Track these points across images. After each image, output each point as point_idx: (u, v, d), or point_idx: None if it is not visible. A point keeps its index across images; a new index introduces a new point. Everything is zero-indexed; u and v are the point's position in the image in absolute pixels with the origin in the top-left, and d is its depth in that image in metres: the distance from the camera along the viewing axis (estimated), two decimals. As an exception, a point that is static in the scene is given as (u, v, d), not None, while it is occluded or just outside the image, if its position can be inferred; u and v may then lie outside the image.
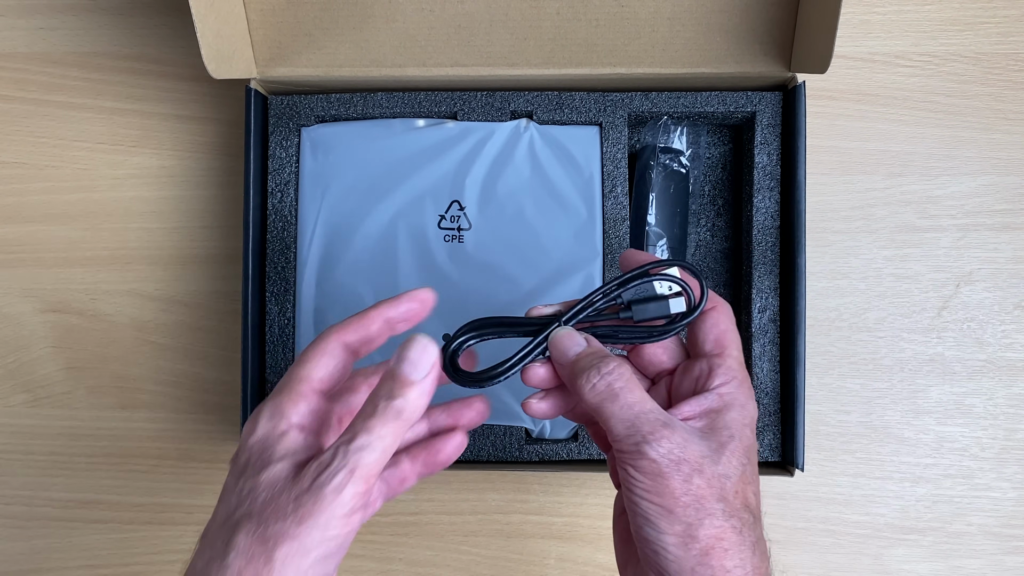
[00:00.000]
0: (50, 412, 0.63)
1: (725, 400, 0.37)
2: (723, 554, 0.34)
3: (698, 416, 0.37)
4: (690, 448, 0.35)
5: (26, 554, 0.62)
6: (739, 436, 0.36)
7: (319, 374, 0.37)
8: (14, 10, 0.63)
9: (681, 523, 0.34)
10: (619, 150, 0.57)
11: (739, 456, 0.36)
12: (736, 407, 0.37)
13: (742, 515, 0.35)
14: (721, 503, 0.35)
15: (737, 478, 0.35)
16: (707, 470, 0.35)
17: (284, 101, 0.57)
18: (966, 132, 0.61)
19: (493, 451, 0.56)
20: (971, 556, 0.60)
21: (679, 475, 0.34)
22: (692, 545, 0.34)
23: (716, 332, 0.39)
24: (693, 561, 0.34)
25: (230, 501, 0.34)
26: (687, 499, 0.34)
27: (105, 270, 0.63)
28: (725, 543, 0.34)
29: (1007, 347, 0.60)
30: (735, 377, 0.38)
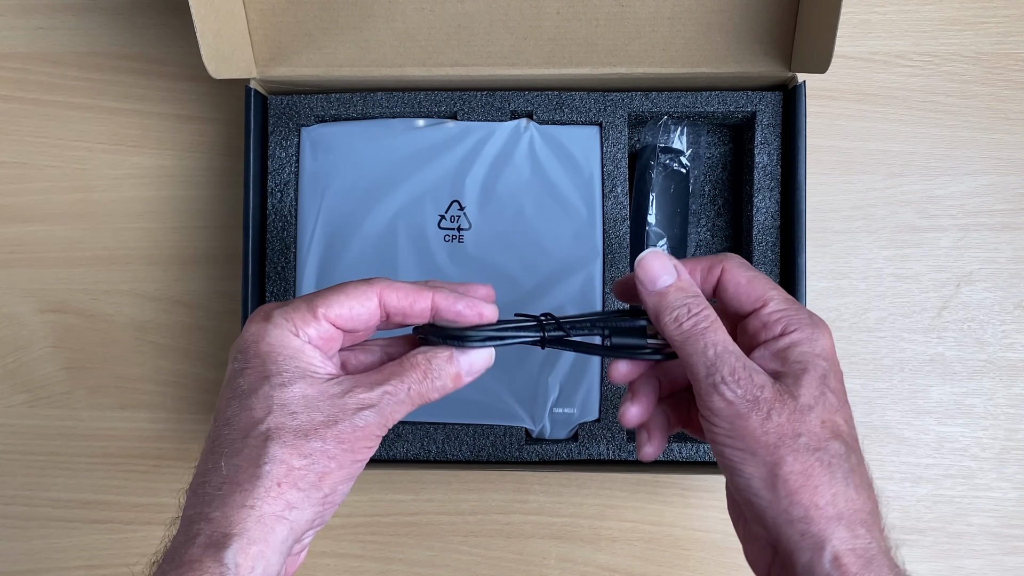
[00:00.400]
0: (50, 412, 0.63)
1: (791, 339, 0.36)
2: (813, 491, 0.33)
3: (767, 359, 0.36)
4: (766, 388, 0.34)
5: (26, 554, 0.62)
6: (812, 366, 0.35)
7: (340, 310, 0.36)
8: (14, 10, 0.63)
9: (765, 464, 0.33)
10: (619, 150, 0.57)
11: (815, 385, 0.34)
12: (803, 341, 0.36)
13: (830, 446, 0.34)
14: (803, 437, 0.33)
15: (820, 408, 0.34)
16: (785, 406, 0.34)
17: (284, 101, 0.57)
18: (966, 132, 0.61)
19: (493, 451, 0.56)
20: (971, 556, 0.60)
21: (757, 414, 0.34)
22: (779, 485, 0.33)
23: (741, 289, 0.37)
24: (784, 502, 0.33)
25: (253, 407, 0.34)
26: (767, 438, 0.33)
27: (105, 270, 0.63)
28: (815, 479, 0.33)
29: (1007, 347, 0.60)
30: (788, 315, 0.36)
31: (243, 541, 0.32)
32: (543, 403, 0.56)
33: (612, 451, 0.56)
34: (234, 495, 0.33)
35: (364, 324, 0.37)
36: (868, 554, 0.33)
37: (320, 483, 0.34)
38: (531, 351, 0.56)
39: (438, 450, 0.56)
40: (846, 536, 0.32)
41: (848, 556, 0.32)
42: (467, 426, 0.56)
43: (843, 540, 0.32)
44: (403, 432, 0.56)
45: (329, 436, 0.34)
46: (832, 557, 0.32)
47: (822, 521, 0.32)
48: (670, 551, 0.60)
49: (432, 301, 0.37)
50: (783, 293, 0.38)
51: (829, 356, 0.36)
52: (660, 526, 0.60)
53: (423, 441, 0.56)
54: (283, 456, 0.33)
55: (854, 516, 0.33)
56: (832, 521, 0.33)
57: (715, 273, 0.38)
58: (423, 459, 0.57)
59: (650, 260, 0.37)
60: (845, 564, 0.32)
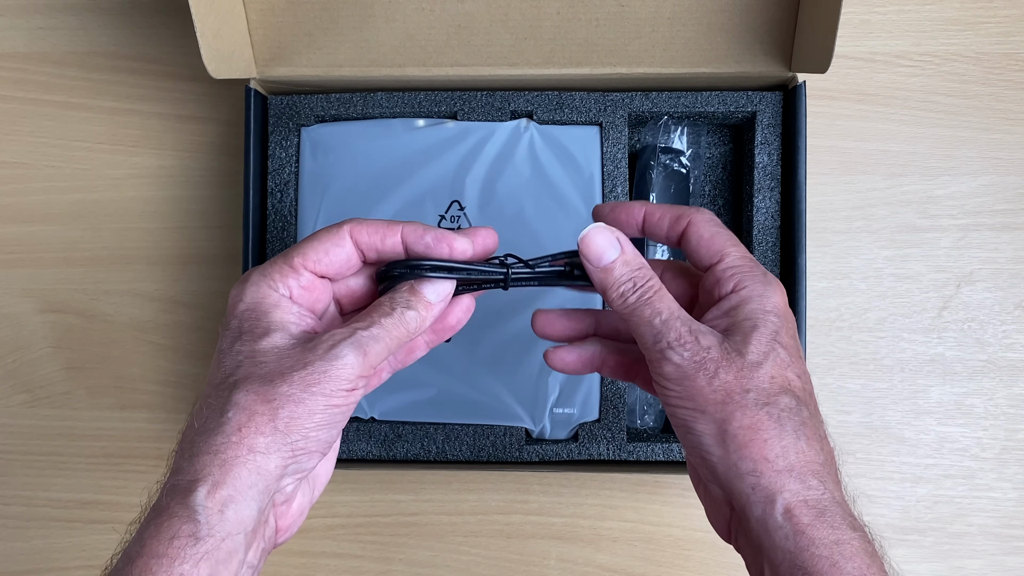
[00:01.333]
0: (50, 412, 0.63)
1: (741, 295, 0.36)
2: (762, 445, 0.33)
3: (718, 319, 0.36)
4: (713, 347, 0.35)
5: (26, 554, 0.62)
6: (762, 322, 0.35)
7: (316, 255, 0.36)
8: (14, 10, 0.63)
9: (714, 421, 0.34)
10: (619, 150, 0.57)
11: (765, 342, 0.35)
12: (753, 298, 0.36)
13: (780, 400, 0.34)
14: (751, 392, 0.34)
15: (770, 364, 0.34)
16: (733, 363, 0.34)
17: (284, 101, 0.57)
18: (966, 132, 0.61)
19: (493, 451, 0.56)
20: (971, 556, 0.60)
21: (704, 373, 0.34)
22: (729, 441, 0.33)
23: (702, 243, 0.38)
24: (734, 456, 0.33)
25: (225, 364, 0.35)
26: (716, 396, 0.34)
27: (105, 270, 0.63)
28: (763, 432, 0.33)
29: (1008, 347, 0.60)
30: (742, 271, 0.37)
31: (208, 485, 0.32)
32: (543, 403, 0.56)
33: (612, 451, 0.56)
34: (200, 444, 0.33)
35: (344, 266, 0.37)
36: (820, 505, 0.33)
37: (288, 429, 0.33)
38: (531, 351, 0.56)
39: (438, 450, 0.56)
40: (797, 488, 0.33)
41: (800, 508, 0.32)
42: (467, 426, 0.56)
43: (794, 492, 0.33)
44: (403, 432, 0.56)
45: (296, 379, 0.33)
46: (784, 509, 0.32)
47: (771, 474, 0.33)
48: (670, 551, 0.60)
49: (401, 234, 0.37)
50: (742, 250, 0.38)
51: (780, 312, 0.36)
52: (660, 526, 0.60)
53: (423, 441, 0.56)
54: (245, 402, 0.33)
55: (805, 468, 0.33)
56: (782, 473, 0.33)
57: (681, 224, 0.38)
58: (423, 459, 0.57)
59: (593, 236, 0.37)
60: (797, 516, 0.32)
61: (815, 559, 0.32)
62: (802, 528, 0.32)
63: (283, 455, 0.33)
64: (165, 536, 0.31)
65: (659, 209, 0.39)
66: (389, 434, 0.56)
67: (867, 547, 0.32)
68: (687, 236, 0.38)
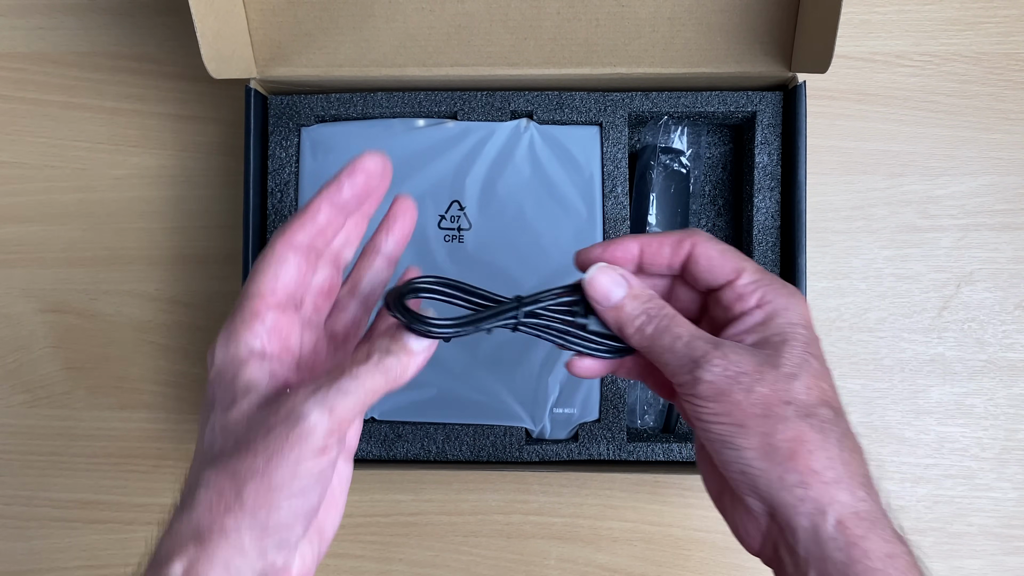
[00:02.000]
0: (50, 412, 0.63)
1: (766, 311, 0.36)
2: (808, 456, 0.32)
3: (746, 334, 0.36)
4: (744, 360, 0.34)
5: (26, 554, 0.62)
6: (792, 335, 0.35)
7: (270, 286, 0.34)
8: (14, 10, 0.63)
9: (756, 434, 0.33)
10: (619, 150, 0.57)
11: (798, 353, 0.34)
12: (780, 311, 0.35)
13: (820, 412, 0.33)
14: (791, 405, 0.33)
15: (806, 375, 0.34)
16: (768, 376, 0.33)
17: (284, 101, 0.57)
18: (966, 132, 0.61)
19: (493, 451, 0.56)
20: (971, 556, 0.60)
21: (740, 388, 0.33)
22: (773, 454, 0.33)
23: (715, 262, 0.37)
24: (780, 470, 0.33)
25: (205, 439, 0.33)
26: (755, 409, 0.33)
27: (105, 270, 0.63)
28: (808, 444, 0.33)
29: (1008, 347, 0.60)
30: (764, 285, 0.36)
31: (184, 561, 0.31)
32: (543, 403, 0.56)
33: (612, 451, 0.56)
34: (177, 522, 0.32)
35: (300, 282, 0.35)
36: (872, 516, 0.32)
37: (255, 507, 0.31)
38: (531, 351, 0.56)
39: (438, 450, 0.56)
40: (848, 499, 0.32)
41: (852, 519, 0.32)
42: (467, 426, 0.56)
43: (845, 504, 0.32)
44: (403, 432, 0.56)
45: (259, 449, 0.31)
46: (836, 521, 0.32)
47: (820, 486, 0.32)
48: (670, 551, 0.60)
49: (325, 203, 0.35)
50: (755, 264, 0.37)
51: (808, 324, 0.36)
52: (660, 526, 0.60)
53: (423, 441, 0.56)
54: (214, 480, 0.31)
55: (853, 479, 0.33)
56: (831, 485, 0.32)
57: (684, 248, 0.38)
58: (423, 459, 0.57)
59: (598, 278, 0.37)
60: (850, 527, 0.32)
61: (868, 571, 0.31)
62: (855, 540, 0.32)
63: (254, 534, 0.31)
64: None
65: (655, 239, 0.38)
66: (389, 434, 0.56)
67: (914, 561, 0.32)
68: (695, 257, 0.37)
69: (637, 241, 0.38)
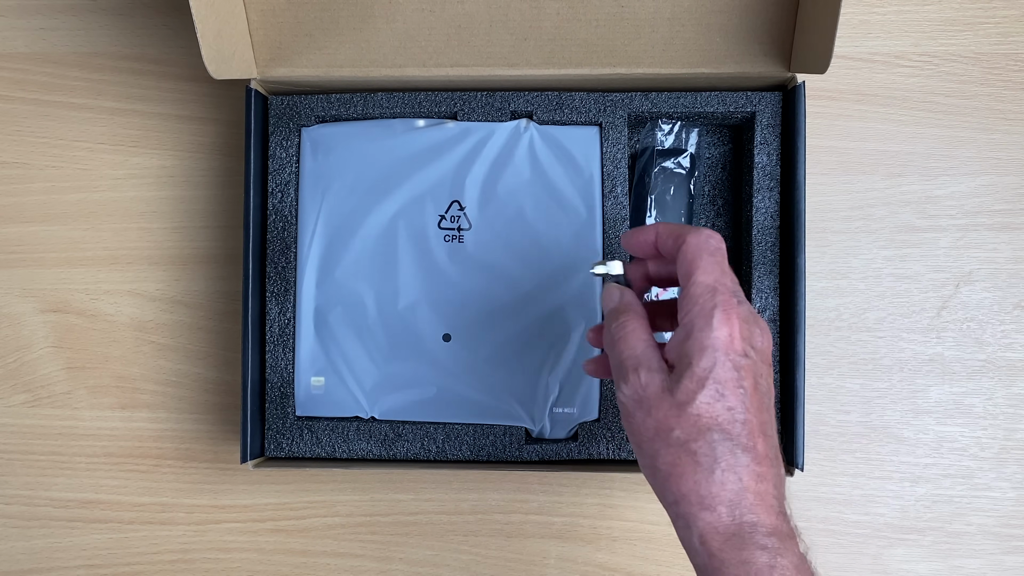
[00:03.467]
0: (50, 412, 0.63)
1: (686, 329, 0.38)
2: (679, 479, 0.37)
3: (670, 349, 0.39)
4: (651, 385, 0.38)
5: (27, 554, 0.62)
6: (697, 360, 0.37)
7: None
8: (14, 10, 0.63)
9: (647, 454, 0.38)
10: (619, 150, 0.57)
11: (696, 380, 0.37)
12: (694, 332, 0.38)
13: (703, 436, 0.37)
14: (676, 431, 0.37)
15: (698, 403, 0.37)
16: (663, 403, 0.37)
17: (284, 101, 0.58)
18: (966, 132, 0.61)
19: (493, 451, 0.56)
20: (970, 556, 0.60)
21: (640, 412, 0.38)
22: (656, 473, 0.38)
23: (683, 267, 0.40)
24: (660, 487, 0.38)
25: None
26: (648, 432, 0.38)
27: (105, 270, 0.63)
28: (679, 467, 0.37)
29: (1007, 347, 0.60)
30: (695, 302, 0.38)
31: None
32: (543, 403, 0.56)
33: (612, 451, 0.56)
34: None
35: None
36: (729, 531, 0.36)
37: None
38: (531, 351, 0.56)
39: (438, 450, 0.56)
40: (708, 518, 0.36)
41: (711, 535, 0.36)
42: (467, 426, 0.56)
43: (705, 521, 0.37)
44: (403, 432, 0.56)
45: None
46: (699, 536, 0.37)
47: (686, 506, 0.37)
48: (670, 551, 0.60)
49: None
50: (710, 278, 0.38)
51: (721, 345, 0.37)
52: (660, 526, 0.60)
53: (423, 441, 0.56)
54: None
55: (715, 499, 0.36)
56: (695, 505, 0.37)
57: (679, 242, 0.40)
58: (423, 459, 0.57)
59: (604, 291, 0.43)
60: (708, 542, 0.36)
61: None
62: (712, 552, 0.36)
63: None
64: None
65: (670, 228, 0.41)
66: (389, 434, 0.56)
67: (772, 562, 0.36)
68: (679, 254, 0.40)
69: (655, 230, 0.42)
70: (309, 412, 0.57)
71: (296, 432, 0.57)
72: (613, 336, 0.40)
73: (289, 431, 0.57)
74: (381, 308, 0.57)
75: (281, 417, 0.57)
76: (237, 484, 0.62)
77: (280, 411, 0.57)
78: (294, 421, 0.57)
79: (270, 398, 0.57)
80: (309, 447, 0.57)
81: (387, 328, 0.57)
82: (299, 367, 0.57)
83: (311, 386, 0.57)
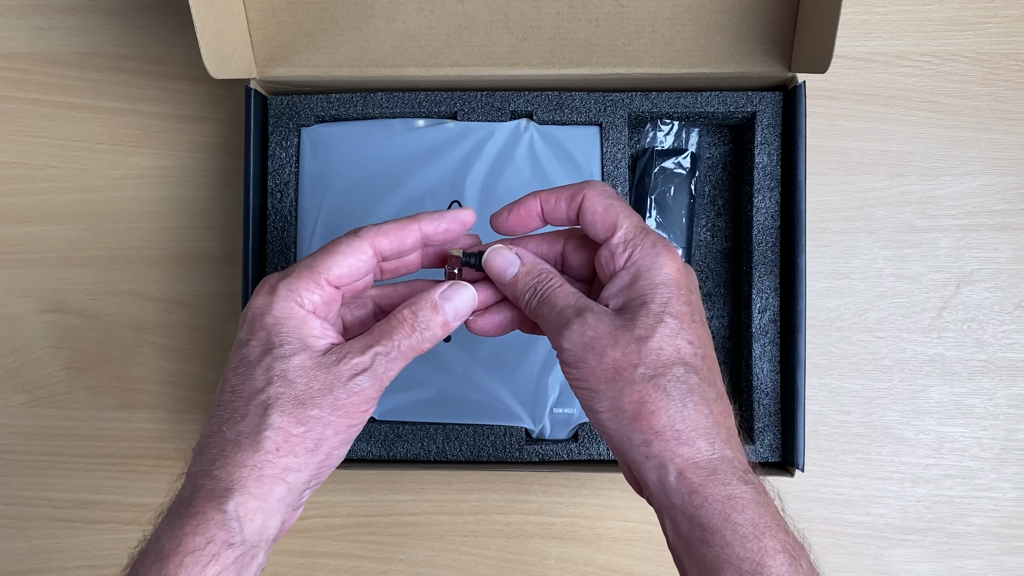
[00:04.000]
0: (50, 412, 0.63)
1: (632, 271, 0.38)
2: (650, 416, 0.35)
3: (614, 296, 0.38)
4: (600, 326, 0.36)
5: (26, 554, 0.62)
6: (651, 297, 0.37)
7: (340, 271, 0.38)
8: (14, 10, 0.63)
9: (607, 398, 0.36)
10: (619, 150, 0.57)
11: (653, 314, 0.36)
12: (643, 272, 0.37)
13: (670, 371, 0.35)
14: (640, 367, 0.35)
15: (657, 336, 0.36)
16: (620, 340, 0.36)
17: (284, 101, 0.57)
18: (966, 132, 0.61)
19: (493, 451, 0.56)
20: (971, 556, 0.60)
21: (592, 354, 0.36)
22: (621, 415, 0.36)
23: (597, 217, 0.39)
24: (627, 429, 0.36)
25: (255, 377, 0.36)
26: (606, 374, 0.36)
27: (105, 270, 0.63)
28: (650, 405, 0.35)
29: (1007, 347, 0.60)
30: (634, 245, 0.38)
31: (244, 496, 0.34)
32: (543, 403, 0.56)
33: (612, 452, 0.56)
34: (236, 456, 0.35)
35: (362, 277, 0.39)
36: (710, 465, 0.35)
37: (316, 448, 0.36)
38: (531, 351, 0.56)
39: (438, 450, 0.56)
40: (687, 452, 0.35)
41: (691, 469, 0.35)
42: (467, 426, 0.56)
43: (684, 457, 0.35)
44: (403, 432, 0.56)
45: (325, 404, 0.36)
46: (677, 472, 0.35)
47: (660, 443, 0.35)
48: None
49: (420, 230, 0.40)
50: (635, 220, 0.39)
51: (672, 281, 0.37)
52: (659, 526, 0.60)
53: (423, 441, 0.56)
54: (282, 423, 0.35)
55: (693, 432, 0.35)
56: (670, 441, 0.35)
57: (576, 201, 0.40)
58: (423, 459, 0.57)
59: (492, 259, 0.41)
60: (688, 477, 0.35)
61: (709, 515, 0.34)
62: (695, 488, 0.34)
63: (310, 472, 0.36)
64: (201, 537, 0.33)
65: (553, 194, 0.40)
66: (389, 434, 0.56)
67: (758, 498, 0.35)
68: (583, 211, 0.39)
69: (537, 198, 0.41)
70: (309, 412, 0.57)
71: (296, 432, 0.57)
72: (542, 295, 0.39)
73: (289, 431, 0.57)
74: (381, 308, 0.57)
75: (281, 417, 0.57)
76: (237, 484, 0.62)
77: (280, 411, 0.57)
78: (294, 421, 0.57)
79: (270, 398, 0.57)
80: (309, 447, 0.57)
81: (387, 328, 0.57)
82: (299, 367, 0.57)
83: (311, 386, 0.57)
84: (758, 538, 0.33)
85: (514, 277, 0.40)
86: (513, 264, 0.40)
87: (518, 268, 0.40)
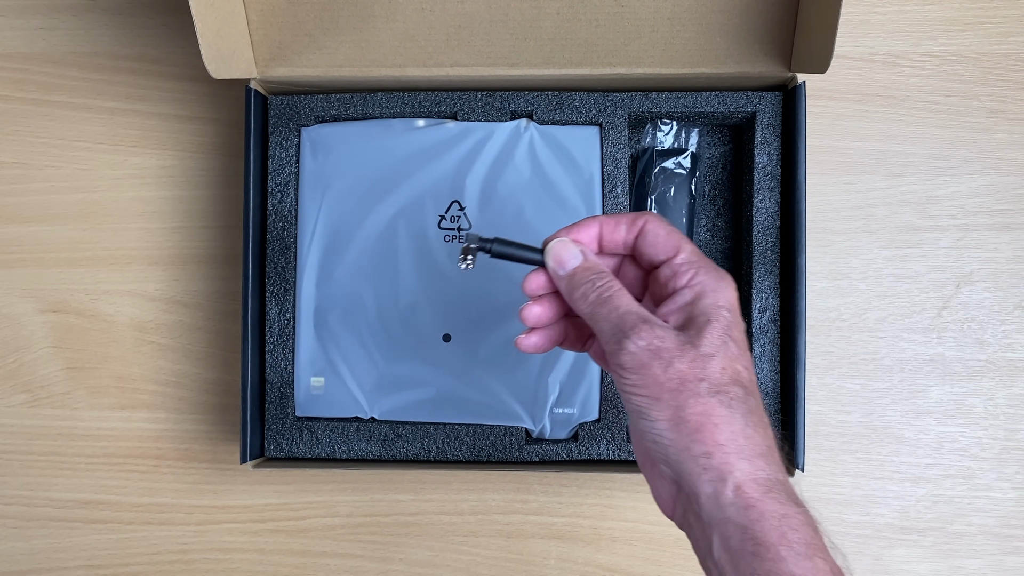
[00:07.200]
0: (50, 412, 0.63)
1: (696, 291, 0.39)
2: (713, 429, 0.36)
3: (675, 312, 0.39)
4: (668, 337, 0.37)
5: (26, 554, 0.62)
6: (715, 317, 0.38)
7: None
8: (14, 10, 0.63)
9: (669, 407, 0.36)
10: (619, 150, 0.57)
11: (718, 335, 0.37)
12: (707, 292, 0.38)
13: (730, 390, 0.36)
14: (704, 382, 0.36)
15: (721, 356, 0.37)
16: (687, 354, 0.36)
17: (284, 101, 0.57)
18: (966, 132, 0.61)
19: (493, 451, 0.56)
20: (971, 556, 0.60)
21: (659, 363, 0.36)
22: (682, 426, 0.36)
23: (659, 239, 0.40)
24: (686, 440, 0.36)
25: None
26: (671, 384, 0.36)
27: (105, 270, 0.63)
28: (715, 418, 0.36)
29: (1007, 347, 0.60)
30: (697, 267, 0.39)
31: None
32: (543, 403, 0.56)
33: (612, 451, 0.56)
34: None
35: None
36: (767, 483, 0.35)
37: None
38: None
39: (438, 450, 0.56)
40: (747, 468, 0.35)
41: (750, 485, 0.35)
42: (467, 426, 0.56)
43: (744, 472, 0.35)
44: (403, 432, 0.56)
45: None
46: (735, 486, 0.35)
47: (722, 455, 0.35)
48: (670, 551, 0.60)
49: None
50: (694, 247, 0.41)
51: (732, 308, 0.39)
52: (660, 526, 0.60)
53: (423, 441, 0.56)
54: None
55: (753, 450, 0.36)
56: (732, 455, 0.36)
57: (638, 226, 0.41)
58: (423, 459, 0.57)
59: (558, 249, 0.41)
60: (747, 491, 0.35)
61: (766, 530, 0.34)
62: (752, 503, 0.35)
63: None
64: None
65: (613, 219, 0.42)
66: (389, 434, 0.56)
67: (810, 521, 0.35)
68: (644, 233, 0.41)
69: (597, 222, 0.42)
70: (309, 412, 0.57)
71: (296, 432, 0.57)
72: (601, 292, 0.39)
73: (289, 431, 0.57)
74: (381, 308, 0.57)
75: (281, 417, 0.57)
76: (237, 484, 0.62)
77: (280, 411, 0.57)
78: (294, 421, 0.57)
79: (270, 398, 0.57)
80: (309, 447, 0.57)
81: (387, 328, 0.57)
82: (299, 367, 0.57)
83: (311, 386, 0.57)
84: (811, 557, 0.34)
85: (574, 269, 0.41)
86: (576, 257, 0.41)
87: (580, 262, 0.41)
